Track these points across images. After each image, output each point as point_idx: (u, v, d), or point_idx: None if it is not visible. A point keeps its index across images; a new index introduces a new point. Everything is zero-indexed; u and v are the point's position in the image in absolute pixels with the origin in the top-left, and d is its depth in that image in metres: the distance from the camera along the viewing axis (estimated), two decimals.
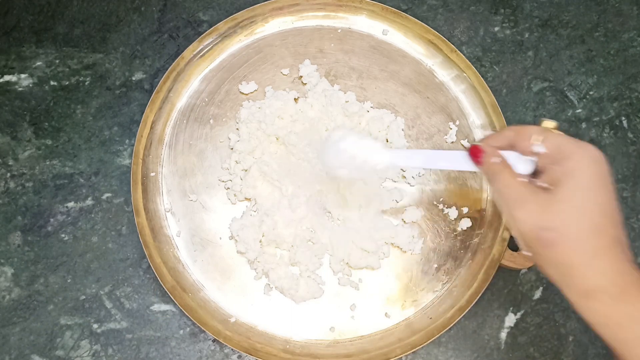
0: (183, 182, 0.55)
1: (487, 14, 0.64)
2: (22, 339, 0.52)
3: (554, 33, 0.64)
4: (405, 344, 0.50)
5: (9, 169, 0.57)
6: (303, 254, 0.51)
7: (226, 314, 0.51)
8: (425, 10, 0.64)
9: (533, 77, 0.62)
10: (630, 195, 0.58)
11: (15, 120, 0.58)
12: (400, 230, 0.53)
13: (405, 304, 0.52)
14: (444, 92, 0.59)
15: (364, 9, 0.60)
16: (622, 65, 0.63)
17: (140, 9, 0.63)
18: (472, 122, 0.58)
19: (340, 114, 0.56)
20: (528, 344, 0.53)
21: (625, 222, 0.57)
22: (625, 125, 0.61)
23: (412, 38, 0.60)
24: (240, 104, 0.57)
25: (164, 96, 0.57)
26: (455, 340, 0.53)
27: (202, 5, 0.63)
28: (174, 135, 0.56)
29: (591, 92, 0.62)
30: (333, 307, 0.51)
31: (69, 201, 0.56)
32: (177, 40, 0.62)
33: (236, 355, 0.52)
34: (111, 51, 0.61)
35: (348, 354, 0.50)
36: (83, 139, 0.58)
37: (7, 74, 0.60)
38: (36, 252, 0.54)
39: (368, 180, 0.54)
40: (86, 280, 0.53)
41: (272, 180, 0.53)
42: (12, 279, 0.53)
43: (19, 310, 0.52)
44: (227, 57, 0.59)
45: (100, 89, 0.60)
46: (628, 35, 0.64)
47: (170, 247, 0.53)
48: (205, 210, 0.54)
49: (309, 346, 0.50)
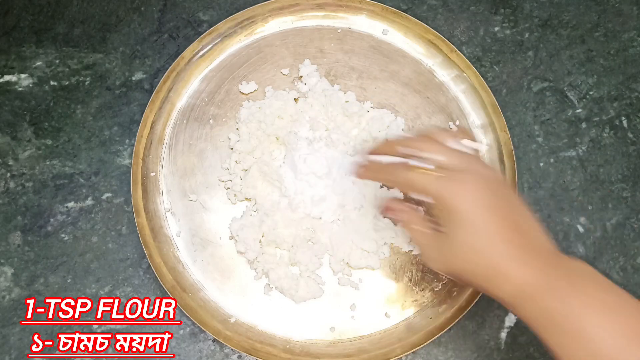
0: (183, 182, 0.55)
1: (487, 14, 0.64)
2: (22, 339, 0.52)
3: (554, 33, 0.64)
4: (405, 344, 0.50)
5: (9, 169, 0.57)
6: (303, 254, 0.51)
7: (226, 314, 0.51)
8: (425, 10, 0.64)
9: (533, 77, 0.62)
10: (630, 195, 0.58)
11: (15, 120, 0.58)
12: (400, 230, 0.53)
13: (405, 304, 0.52)
14: (444, 92, 0.59)
15: (364, 9, 0.60)
16: (622, 65, 0.63)
17: (140, 9, 0.63)
18: (472, 122, 0.58)
19: (340, 114, 0.56)
20: (528, 344, 0.53)
21: (625, 222, 0.57)
22: (625, 125, 0.61)
23: (412, 38, 0.60)
24: (240, 103, 0.57)
25: (164, 96, 0.57)
26: (455, 340, 0.53)
27: (202, 5, 0.63)
28: (174, 135, 0.56)
29: (591, 92, 0.62)
30: (333, 307, 0.51)
31: (69, 201, 0.56)
32: (177, 40, 0.62)
33: (236, 355, 0.52)
34: (111, 51, 0.61)
35: (348, 354, 0.50)
36: (83, 139, 0.58)
37: (7, 74, 0.60)
38: (36, 252, 0.54)
39: (368, 181, 0.54)
40: (86, 280, 0.53)
41: (272, 180, 0.53)
42: (12, 279, 0.53)
43: (19, 310, 0.52)
44: (227, 57, 0.59)
45: (100, 89, 0.60)
46: (628, 35, 0.64)
47: (170, 247, 0.53)
48: (205, 210, 0.54)
49: (309, 346, 0.50)
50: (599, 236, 0.57)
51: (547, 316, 0.35)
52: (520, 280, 0.37)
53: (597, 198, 0.58)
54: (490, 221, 0.38)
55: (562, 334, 0.35)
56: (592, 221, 0.57)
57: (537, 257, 0.37)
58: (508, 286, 0.37)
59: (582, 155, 0.59)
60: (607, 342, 0.33)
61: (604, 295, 0.35)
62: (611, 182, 0.59)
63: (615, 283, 0.54)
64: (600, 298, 0.35)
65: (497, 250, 0.37)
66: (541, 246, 0.38)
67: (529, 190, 0.58)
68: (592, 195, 0.58)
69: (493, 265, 0.38)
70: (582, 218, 0.57)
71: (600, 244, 0.56)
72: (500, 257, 0.37)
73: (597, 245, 0.56)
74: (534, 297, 0.36)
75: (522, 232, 0.38)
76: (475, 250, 0.38)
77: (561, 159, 0.59)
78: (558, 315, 0.35)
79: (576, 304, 0.34)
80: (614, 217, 0.57)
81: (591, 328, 0.33)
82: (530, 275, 0.36)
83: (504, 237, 0.38)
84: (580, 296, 0.35)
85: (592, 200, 0.58)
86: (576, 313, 0.34)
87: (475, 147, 0.44)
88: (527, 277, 0.36)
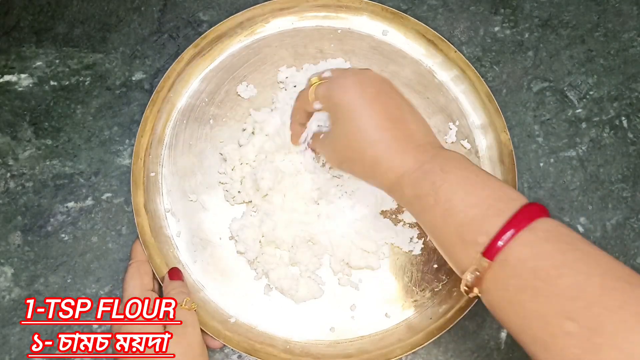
0: (183, 182, 0.55)
1: (487, 14, 0.64)
2: (22, 339, 0.52)
3: (554, 33, 0.64)
4: (406, 344, 0.50)
5: (9, 169, 0.57)
6: (303, 254, 0.51)
7: (226, 314, 0.51)
8: (425, 10, 0.64)
9: (533, 77, 0.62)
10: (630, 195, 0.58)
11: (15, 120, 0.58)
12: (400, 230, 0.53)
13: (405, 304, 0.52)
14: (443, 93, 0.59)
15: (364, 10, 0.60)
16: (622, 65, 0.63)
17: (140, 9, 0.63)
18: (472, 123, 0.58)
19: None
20: None
21: (625, 222, 0.57)
22: (625, 125, 0.61)
23: (412, 38, 0.60)
24: (239, 104, 0.57)
25: (164, 96, 0.57)
26: (455, 340, 0.53)
27: (202, 5, 0.63)
28: (174, 135, 0.56)
29: (591, 92, 0.62)
30: (333, 308, 0.51)
31: (69, 201, 0.56)
32: (177, 40, 0.62)
33: (236, 356, 0.52)
34: (111, 51, 0.61)
35: (348, 354, 0.50)
36: (83, 139, 0.58)
37: (7, 74, 0.60)
38: (36, 252, 0.54)
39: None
40: (86, 280, 0.53)
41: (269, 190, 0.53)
42: (12, 279, 0.53)
43: (19, 310, 0.52)
44: (227, 57, 0.59)
45: (100, 89, 0.60)
46: (628, 35, 0.64)
47: (170, 248, 0.53)
48: (205, 211, 0.54)
49: (309, 346, 0.50)
50: (599, 236, 0.57)
51: (418, 195, 0.39)
52: (399, 169, 0.40)
53: (597, 198, 0.58)
54: (371, 112, 0.41)
55: (431, 210, 0.38)
56: (592, 221, 0.57)
57: (416, 148, 0.41)
58: (389, 174, 0.41)
59: (582, 155, 0.59)
60: (468, 213, 0.37)
61: (467, 173, 0.39)
62: (611, 182, 0.59)
63: None
64: (464, 176, 0.38)
65: (377, 139, 0.41)
66: (421, 138, 0.42)
67: (529, 190, 0.58)
68: (592, 195, 0.58)
69: (375, 155, 0.41)
70: (582, 218, 0.57)
71: (600, 244, 0.56)
72: (381, 147, 0.41)
73: (597, 245, 0.56)
74: (408, 181, 0.40)
75: (402, 124, 0.42)
76: (358, 139, 0.42)
77: (561, 159, 0.59)
78: (427, 194, 0.38)
79: (443, 184, 0.38)
80: (614, 217, 0.57)
81: (455, 202, 0.37)
82: (407, 163, 0.40)
83: (384, 127, 0.41)
84: (447, 177, 0.38)
85: (592, 200, 0.58)
86: (442, 190, 0.38)
87: None
88: (404, 165, 0.40)
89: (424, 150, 0.41)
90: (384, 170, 0.41)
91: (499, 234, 0.35)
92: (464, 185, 0.38)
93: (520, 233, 0.34)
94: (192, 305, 0.46)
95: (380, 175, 0.42)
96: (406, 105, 0.44)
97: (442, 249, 0.40)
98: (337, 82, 0.44)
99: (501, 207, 0.36)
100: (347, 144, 0.43)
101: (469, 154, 0.57)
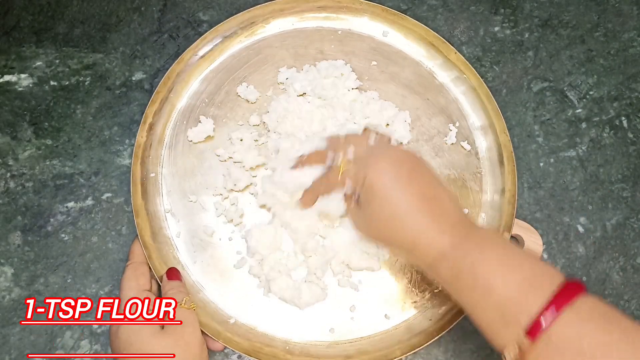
0: (183, 183, 0.55)
1: (487, 14, 0.64)
2: (22, 339, 0.52)
3: (554, 33, 0.64)
4: (405, 345, 0.50)
5: (9, 169, 0.57)
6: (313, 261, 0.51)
7: (226, 315, 0.51)
8: (425, 10, 0.64)
9: (533, 77, 0.62)
10: (630, 195, 0.58)
11: (15, 120, 0.58)
12: None
13: (405, 305, 0.52)
14: (444, 94, 0.59)
15: (364, 11, 0.60)
16: (622, 65, 0.63)
17: (140, 9, 0.63)
18: (472, 124, 0.58)
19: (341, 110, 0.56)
20: None
21: (625, 222, 0.57)
22: (625, 125, 0.61)
23: (412, 40, 0.60)
24: (240, 105, 0.57)
25: (164, 96, 0.57)
26: (455, 340, 0.53)
27: (202, 5, 0.63)
28: (174, 135, 0.56)
29: (591, 92, 0.62)
30: (333, 309, 0.51)
31: (69, 201, 0.56)
32: (177, 40, 0.62)
33: (236, 356, 0.52)
34: (111, 51, 0.61)
35: (348, 355, 0.50)
36: (83, 139, 0.58)
37: (7, 74, 0.60)
38: (36, 252, 0.54)
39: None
40: (86, 280, 0.53)
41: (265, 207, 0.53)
42: (12, 279, 0.53)
43: (19, 310, 0.52)
44: (227, 58, 0.59)
45: (100, 89, 0.60)
46: (628, 35, 0.64)
47: (170, 248, 0.53)
48: (205, 211, 0.54)
49: (308, 347, 0.50)
50: (599, 236, 0.57)
51: (457, 275, 0.40)
52: (437, 250, 0.41)
53: (597, 198, 0.58)
54: (408, 196, 0.42)
55: (470, 290, 0.39)
56: (592, 221, 0.57)
57: (452, 227, 0.41)
58: (427, 255, 0.41)
59: (582, 155, 0.59)
60: (508, 292, 0.37)
61: (503, 251, 0.39)
62: (611, 182, 0.59)
63: (615, 283, 0.54)
64: (500, 254, 0.39)
65: (416, 222, 0.41)
66: (453, 215, 0.42)
67: (529, 190, 0.58)
68: (592, 195, 0.58)
69: (414, 237, 0.42)
70: (582, 218, 0.57)
71: (600, 244, 0.56)
72: (420, 230, 0.41)
73: (597, 245, 0.56)
74: (446, 263, 0.40)
75: (437, 202, 0.42)
76: (396, 222, 0.42)
77: (561, 159, 0.59)
78: (466, 275, 0.39)
79: (481, 263, 0.39)
80: (614, 217, 0.57)
81: (494, 281, 0.38)
82: (444, 243, 0.41)
83: (422, 209, 0.42)
84: (484, 256, 0.39)
85: (592, 200, 0.58)
86: (481, 270, 0.38)
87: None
88: (442, 245, 0.41)
89: (459, 229, 0.41)
90: (423, 251, 0.42)
91: (541, 313, 0.35)
92: (501, 264, 0.39)
93: (562, 313, 0.35)
94: (192, 305, 0.47)
95: (418, 255, 0.42)
96: (437, 181, 0.44)
97: (482, 327, 0.39)
98: (369, 164, 0.44)
99: (540, 285, 0.37)
100: (385, 225, 0.43)
101: (469, 155, 0.57)
